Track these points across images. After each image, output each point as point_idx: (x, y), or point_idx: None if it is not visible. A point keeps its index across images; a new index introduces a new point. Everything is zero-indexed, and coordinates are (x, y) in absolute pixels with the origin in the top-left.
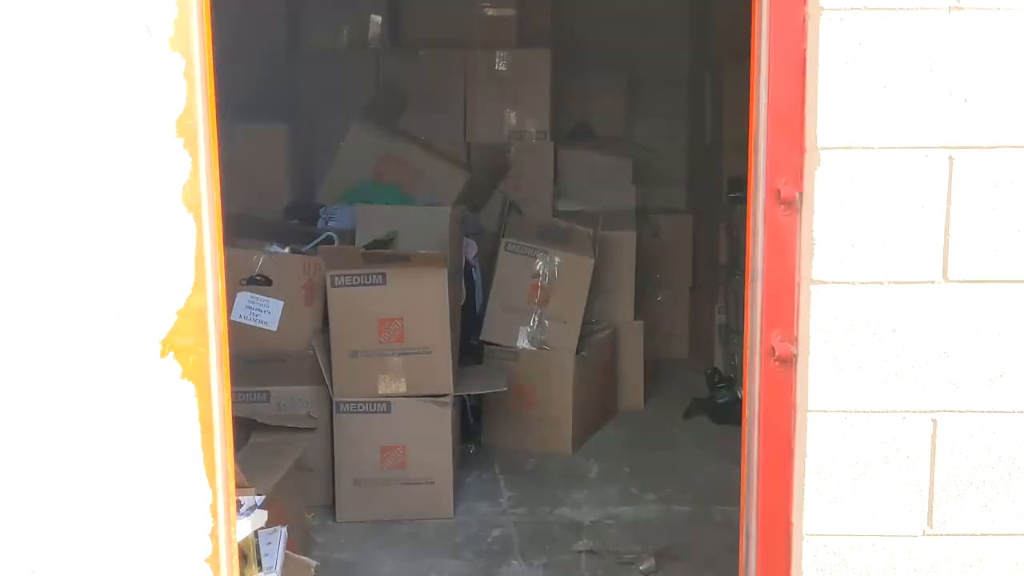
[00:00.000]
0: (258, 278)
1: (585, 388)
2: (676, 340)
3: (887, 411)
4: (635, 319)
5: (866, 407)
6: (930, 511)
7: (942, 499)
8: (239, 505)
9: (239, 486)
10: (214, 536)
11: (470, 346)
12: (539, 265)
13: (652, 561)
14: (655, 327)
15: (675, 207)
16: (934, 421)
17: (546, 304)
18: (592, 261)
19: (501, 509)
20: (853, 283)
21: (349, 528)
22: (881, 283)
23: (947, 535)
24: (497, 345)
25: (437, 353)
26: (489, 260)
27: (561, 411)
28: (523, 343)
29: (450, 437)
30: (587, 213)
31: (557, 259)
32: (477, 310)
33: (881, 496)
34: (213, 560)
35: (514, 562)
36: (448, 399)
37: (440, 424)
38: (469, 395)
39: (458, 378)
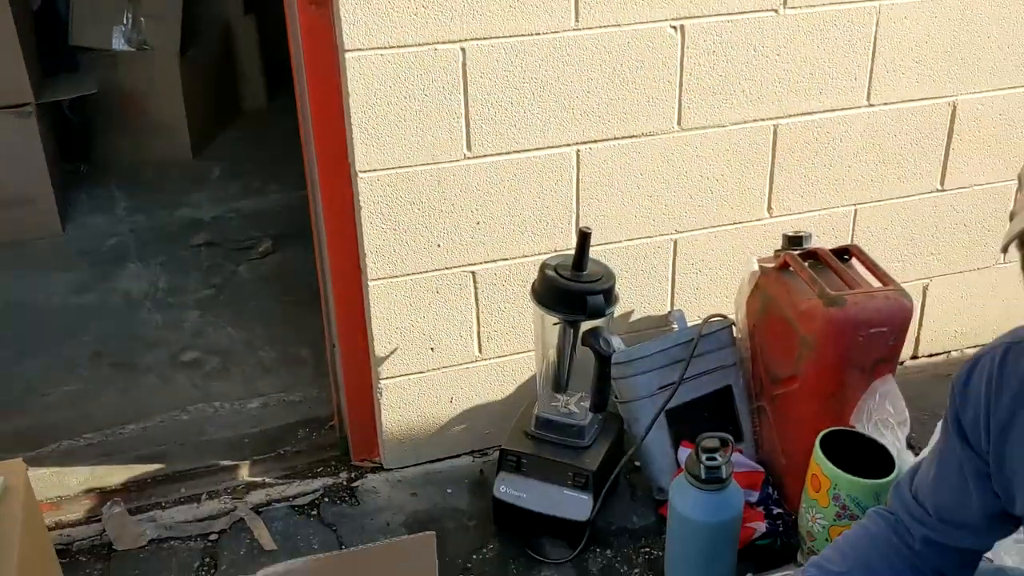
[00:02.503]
0: None
1: (198, 90)
2: None
3: (420, 44)
4: (246, 13)
5: (399, 42)
6: (468, 137)
7: (477, 125)
8: None
9: None
10: None
11: (63, 52)
12: None
13: (269, 243)
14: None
15: None
16: (463, 50)
17: None
18: None
19: (117, 219)
20: None
21: None
22: None
23: (483, 156)
24: (92, 49)
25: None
26: None
27: (174, 116)
28: (119, 44)
29: (43, 151)
30: None
31: None
32: (62, 14)
33: (425, 128)
34: None
35: (131, 265)
36: (30, 108)
37: (28, 137)
38: (71, 110)
39: (42, 86)
